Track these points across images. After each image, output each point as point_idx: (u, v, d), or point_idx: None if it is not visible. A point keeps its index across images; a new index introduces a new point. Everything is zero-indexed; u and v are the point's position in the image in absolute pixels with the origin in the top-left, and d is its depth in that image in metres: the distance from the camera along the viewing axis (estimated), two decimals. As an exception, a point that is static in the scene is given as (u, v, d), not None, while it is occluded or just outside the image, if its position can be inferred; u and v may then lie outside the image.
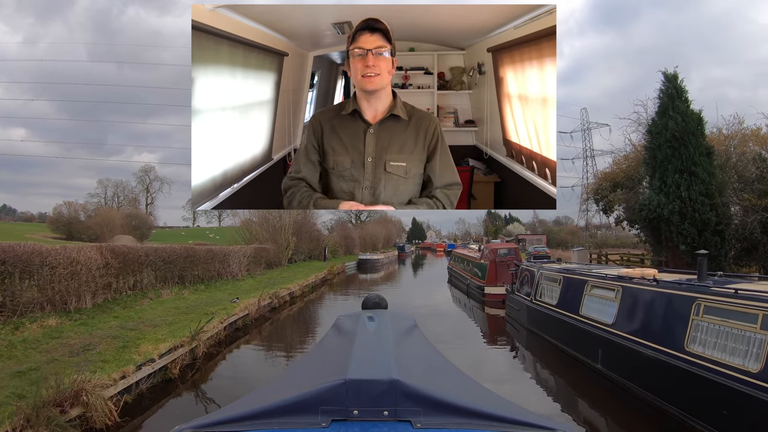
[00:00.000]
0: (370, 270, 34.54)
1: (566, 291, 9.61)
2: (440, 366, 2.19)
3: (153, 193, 70.48)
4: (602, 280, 8.36)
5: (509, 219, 79.82)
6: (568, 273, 9.91)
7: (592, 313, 8.26)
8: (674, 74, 15.55)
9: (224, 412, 1.52)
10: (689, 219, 14.15)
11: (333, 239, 39.59)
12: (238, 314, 11.64)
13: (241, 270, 18.99)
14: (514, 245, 20.35)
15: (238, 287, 16.29)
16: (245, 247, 21.04)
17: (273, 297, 15.08)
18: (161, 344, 7.83)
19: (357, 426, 1.41)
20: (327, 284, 24.01)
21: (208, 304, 12.05)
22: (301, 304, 17.23)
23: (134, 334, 8.37)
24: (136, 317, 9.84)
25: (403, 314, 3.21)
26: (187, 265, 14.98)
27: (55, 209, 45.68)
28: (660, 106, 15.52)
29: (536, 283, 11.27)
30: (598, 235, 51.59)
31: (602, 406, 6.70)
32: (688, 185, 14.23)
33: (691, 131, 14.49)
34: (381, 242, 54.69)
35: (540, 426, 1.43)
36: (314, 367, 2.11)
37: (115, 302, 10.86)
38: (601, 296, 8.18)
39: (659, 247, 16.38)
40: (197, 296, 13.65)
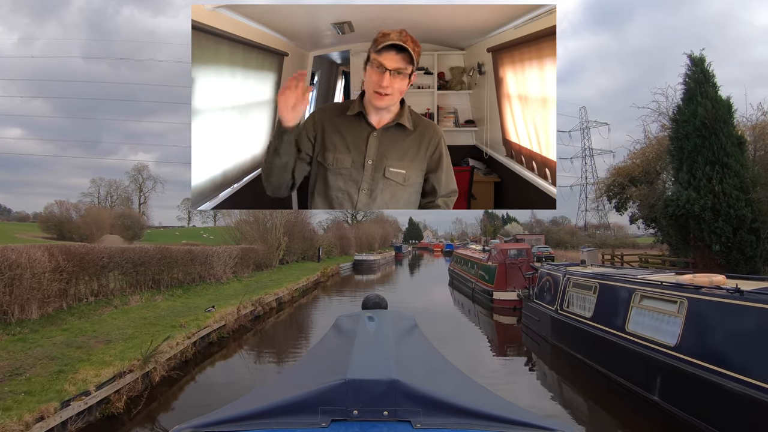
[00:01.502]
0: (366, 271, 33.43)
1: (604, 301, 8.13)
2: (440, 366, 2.19)
3: (146, 192, 70.08)
4: (657, 290, 6.80)
5: (507, 219, 79.66)
6: (606, 279, 8.41)
7: (644, 330, 6.76)
8: (701, 57, 14.13)
9: (224, 412, 1.52)
10: (723, 216, 12.72)
11: (327, 239, 38.38)
12: (211, 326, 10.21)
13: (226, 272, 17.60)
14: (525, 245, 18.56)
15: (221, 291, 14.94)
16: (231, 248, 19.50)
17: (257, 304, 13.58)
18: (106, 369, 6.39)
19: (357, 426, 1.41)
20: (320, 287, 22.72)
21: (180, 313, 10.65)
22: (291, 309, 15.89)
23: (79, 353, 6.99)
24: (91, 330, 8.45)
25: (403, 314, 3.21)
26: (162, 267, 13.49)
27: (46, 208, 45.56)
28: (686, 92, 14.20)
29: (562, 291, 9.80)
30: (596, 235, 51.50)
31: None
32: (721, 178, 12.83)
33: (722, 118, 13.16)
34: (377, 242, 53.59)
35: (540, 426, 1.43)
36: (314, 367, 2.11)
37: (70, 312, 9.45)
38: (657, 309, 6.69)
39: (686, 247, 14.89)
40: (171, 303, 12.10)
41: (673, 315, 6.29)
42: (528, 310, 11.83)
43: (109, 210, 50.33)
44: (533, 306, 11.32)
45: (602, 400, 7.09)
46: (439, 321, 13.84)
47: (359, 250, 42.52)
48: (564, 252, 38.94)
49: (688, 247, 14.75)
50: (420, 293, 22.17)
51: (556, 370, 8.79)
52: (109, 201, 64.19)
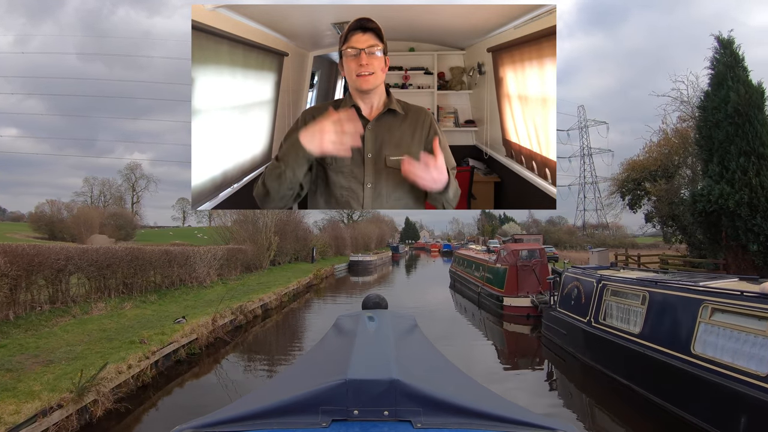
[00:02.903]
0: (362, 273, 32.13)
1: (658, 315, 6.82)
2: (440, 366, 2.19)
3: (139, 191, 68.95)
4: (736, 302, 5.51)
5: (504, 219, 79.43)
6: (659, 287, 7.03)
7: (720, 353, 5.49)
8: (729, 39, 12.99)
9: (224, 412, 1.52)
10: (762, 212, 11.52)
11: (322, 239, 37.16)
12: (179, 341, 8.69)
13: (210, 275, 16.29)
14: (538, 245, 16.83)
15: (202, 297, 13.53)
16: (215, 248, 18.08)
17: (238, 312, 12.06)
18: (30, 403, 5.08)
19: (357, 426, 1.41)
20: (312, 290, 21.32)
21: (147, 324, 9.39)
22: (279, 317, 14.46)
23: (6, 379, 5.80)
24: (34, 346, 7.21)
25: (403, 314, 3.21)
26: (134, 270, 12.17)
27: (36, 208, 45.13)
28: (714, 77, 13.06)
29: (596, 299, 8.48)
30: (595, 234, 51.33)
31: None
32: (758, 170, 11.63)
33: (755, 104, 11.99)
34: (374, 242, 52.40)
35: (540, 426, 1.43)
36: (314, 367, 2.11)
37: (17, 323, 8.22)
38: (738, 327, 5.40)
39: (714, 247, 13.55)
40: (140, 311, 10.74)
41: (762, 335, 5.03)
42: (550, 319, 10.41)
43: (100, 209, 49.56)
44: (557, 316, 9.94)
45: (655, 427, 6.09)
46: (443, 327, 12.74)
47: (355, 251, 41.13)
48: (565, 252, 38.78)
49: (718, 247, 13.41)
50: (420, 296, 20.90)
51: (589, 392, 7.54)
52: (102, 200, 63.36)
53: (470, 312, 15.66)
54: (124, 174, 67.56)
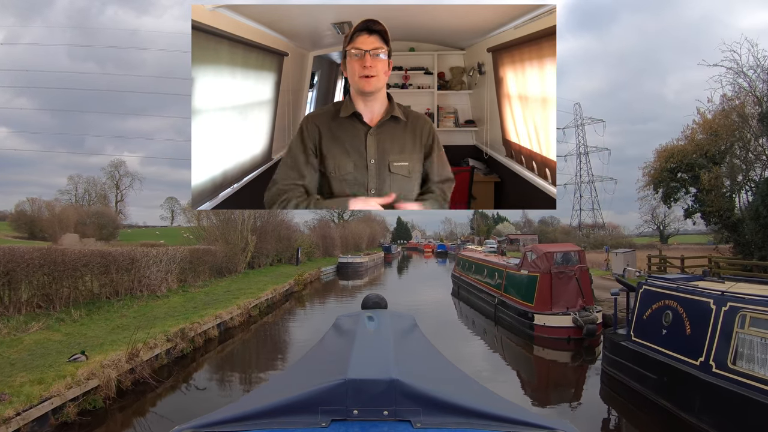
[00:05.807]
0: (353, 276, 29.32)
1: None
2: (440, 366, 2.19)
3: (123, 189, 65.21)
4: None
5: (497, 218, 79.03)
6: None
7: None
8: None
9: (224, 412, 1.53)
10: None
11: (308, 239, 33.91)
12: (62, 393, 5.78)
13: (167, 281, 13.68)
14: (575, 246, 13.11)
15: (147, 312, 10.80)
16: (174, 249, 15.18)
17: (177, 337, 8.96)
18: None
19: (357, 426, 1.41)
20: (293, 299, 18.63)
21: (36, 360, 6.74)
22: (245, 335, 11.67)
23: None
24: None
25: (403, 314, 3.21)
26: (53, 278, 9.60)
27: (17, 206, 43.94)
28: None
29: (721, 332, 5.61)
30: (591, 235, 50.56)
31: None
32: None
33: None
34: (365, 242, 49.67)
35: (540, 426, 1.43)
36: (314, 367, 2.12)
37: None
38: None
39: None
40: (46, 336, 8.03)
41: None
42: (621, 353, 7.45)
43: (79, 208, 47.64)
44: (634, 349, 7.10)
45: None
46: (449, 344, 10.37)
47: (345, 251, 37.94)
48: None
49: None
50: (422, 298, 18.97)
51: None
52: (87, 199, 60.03)
53: (481, 327, 13.08)
54: (108, 171, 64.36)
